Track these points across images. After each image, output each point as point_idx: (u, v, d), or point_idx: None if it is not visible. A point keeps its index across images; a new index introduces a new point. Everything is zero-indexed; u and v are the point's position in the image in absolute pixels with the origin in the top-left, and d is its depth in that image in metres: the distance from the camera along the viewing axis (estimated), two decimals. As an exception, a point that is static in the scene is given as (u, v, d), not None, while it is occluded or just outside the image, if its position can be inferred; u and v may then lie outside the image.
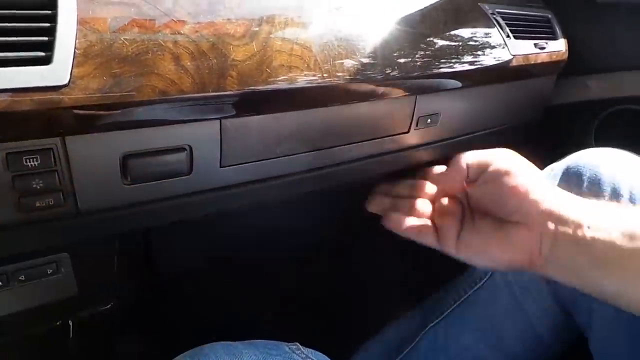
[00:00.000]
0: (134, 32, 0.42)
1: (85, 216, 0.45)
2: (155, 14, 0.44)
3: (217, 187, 0.53)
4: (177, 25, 0.44)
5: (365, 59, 0.56)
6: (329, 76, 0.52)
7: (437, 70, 0.63)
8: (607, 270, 0.42)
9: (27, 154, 0.39)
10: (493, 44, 0.73)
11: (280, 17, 0.51)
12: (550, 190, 0.47)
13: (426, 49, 0.63)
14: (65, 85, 0.38)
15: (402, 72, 0.59)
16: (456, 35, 0.68)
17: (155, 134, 0.45)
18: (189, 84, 0.43)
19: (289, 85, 0.49)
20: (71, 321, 0.55)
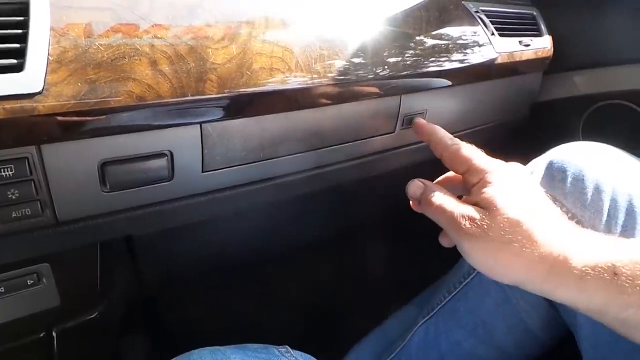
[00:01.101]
0: (110, 37, 0.41)
1: (64, 225, 0.44)
2: (132, 18, 0.43)
3: (199, 193, 0.52)
4: (154, 29, 0.44)
5: (348, 60, 0.55)
6: (311, 78, 0.52)
7: (421, 70, 0.63)
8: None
9: (1, 164, 0.38)
10: (478, 42, 0.72)
11: (261, 19, 0.51)
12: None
13: (410, 48, 0.62)
14: (39, 92, 0.37)
15: (387, 72, 0.58)
16: (440, 34, 0.67)
17: (134, 140, 0.44)
18: (167, 88, 0.43)
19: (270, 87, 0.49)
20: (55, 332, 0.54)
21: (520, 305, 0.63)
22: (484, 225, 0.41)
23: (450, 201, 0.44)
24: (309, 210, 0.85)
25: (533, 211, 0.41)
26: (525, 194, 0.43)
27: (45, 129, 0.38)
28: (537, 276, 0.40)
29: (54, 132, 0.39)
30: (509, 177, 0.45)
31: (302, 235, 0.91)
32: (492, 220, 0.41)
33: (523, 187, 0.44)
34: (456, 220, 0.42)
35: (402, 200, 0.52)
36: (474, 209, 0.42)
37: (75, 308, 0.55)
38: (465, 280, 0.69)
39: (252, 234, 0.79)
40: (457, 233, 0.42)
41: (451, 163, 0.50)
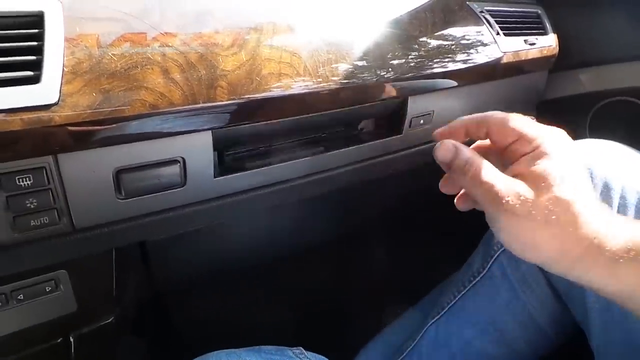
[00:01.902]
0: (122, 47, 0.42)
1: (81, 232, 0.45)
2: (143, 28, 0.44)
3: (212, 198, 0.53)
4: (165, 38, 0.44)
5: (355, 63, 0.56)
6: (319, 82, 0.52)
7: (428, 71, 0.63)
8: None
9: (20, 174, 0.39)
10: (483, 42, 0.73)
11: (268, 25, 0.51)
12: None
13: (416, 50, 0.63)
14: (55, 103, 0.38)
15: (392, 74, 0.59)
16: (445, 35, 0.68)
17: (147, 148, 0.45)
18: (178, 96, 0.43)
19: (280, 92, 0.50)
20: (72, 337, 0.55)
21: (530, 302, 0.63)
22: (528, 202, 0.37)
23: (490, 170, 0.39)
24: (317, 212, 0.85)
25: (581, 192, 0.38)
26: (575, 171, 0.39)
27: (62, 139, 0.39)
28: (569, 258, 0.37)
29: (70, 142, 0.40)
30: (563, 150, 0.39)
31: (310, 236, 0.92)
32: (539, 197, 0.37)
33: (574, 163, 0.40)
34: (498, 193, 0.37)
35: (409, 201, 0.53)
36: (520, 184, 0.38)
37: (91, 313, 0.55)
38: (475, 279, 0.69)
39: (261, 236, 0.79)
40: (496, 208, 0.38)
41: (498, 133, 0.43)
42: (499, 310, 0.66)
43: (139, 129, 0.43)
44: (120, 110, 0.40)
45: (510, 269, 0.64)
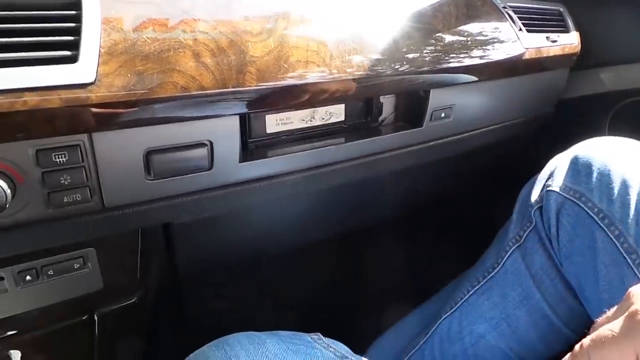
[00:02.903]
0: (156, 30, 0.43)
1: (110, 211, 0.47)
2: (175, 12, 0.45)
3: (237, 182, 0.54)
4: (197, 24, 0.46)
5: (379, 55, 0.56)
6: (345, 71, 0.53)
7: (451, 65, 0.63)
8: None
9: (56, 150, 0.40)
10: (505, 37, 0.73)
11: (296, 14, 0.52)
12: None
13: (439, 44, 0.63)
14: (92, 83, 0.39)
15: (416, 67, 0.59)
16: (469, 29, 0.68)
17: (177, 130, 0.46)
18: (209, 80, 0.44)
19: (307, 80, 0.50)
20: (97, 315, 0.56)
21: (544, 299, 0.63)
22: None
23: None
24: (335, 204, 0.86)
25: None
26: None
27: (97, 118, 0.40)
28: None
29: (105, 121, 0.41)
30: None
31: (327, 227, 0.92)
32: None
33: None
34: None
35: (426, 195, 0.53)
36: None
37: (116, 292, 0.57)
38: (489, 274, 0.69)
39: (280, 225, 0.80)
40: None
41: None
42: (513, 306, 0.66)
43: (170, 111, 0.44)
44: (153, 91, 0.41)
45: (524, 265, 0.64)
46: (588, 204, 0.56)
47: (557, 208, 0.58)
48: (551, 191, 0.59)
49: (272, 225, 0.77)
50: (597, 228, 0.55)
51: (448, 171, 0.97)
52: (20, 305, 0.50)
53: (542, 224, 0.61)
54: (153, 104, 0.42)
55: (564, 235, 0.58)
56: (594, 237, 0.55)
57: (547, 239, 0.61)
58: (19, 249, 0.45)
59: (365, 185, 0.81)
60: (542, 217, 0.61)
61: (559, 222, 0.59)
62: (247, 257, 0.85)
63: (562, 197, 0.58)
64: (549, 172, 0.62)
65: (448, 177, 1.01)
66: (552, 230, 0.59)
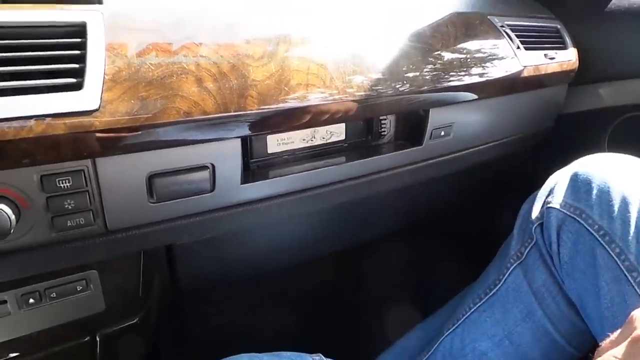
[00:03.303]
0: (159, 56, 0.44)
1: (113, 234, 0.47)
2: (178, 38, 0.46)
3: (238, 203, 0.54)
4: (199, 49, 0.46)
5: (379, 75, 0.57)
6: (345, 93, 0.54)
7: (450, 84, 0.64)
8: None
9: (60, 176, 0.41)
10: (504, 55, 0.74)
11: (296, 37, 0.53)
12: None
13: (438, 63, 0.64)
14: (96, 109, 0.40)
15: (415, 87, 0.60)
16: (467, 48, 0.69)
17: (179, 154, 0.47)
18: (211, 104, 0.45)
19: (307, 102, 0.51)
20: (98, 337, 0.56)
21: (546, 316, 0.63)
22: None
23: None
24: (335, 220, 0.87)
25: None
26: None
27: (101, 143, 0.41)
28: None
29: (108, 146, 0.41)
30: None
31: (329, 243, 0.93)
32: None
33: None
34: None
35: (427, 210, 0.54)
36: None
37: (118, 313, 0.57)
38: (492, 291, 0.69)
39: (281, 242, 0.81)
40: None
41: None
42: (515, 323, 0.66)
43: (173, 136, 0.44)
44: (156, 117, 0.42)
45: (525, 282, 0.64)
46: (588, 221, 0.56)
47: (558, 225, 0.59)
48: (551, 208, 0.60)
49: (273, 242, 0.78)
50: (597, 245, 0.55)
51: (448, 187, 0.97)
52: (22, 328, 0.50)
53: (543, 241, 0.61)
54: (156, 129, 0.43)
55: (564, 252, 0.58)
56: (594, 255, 0.55)
57: (549, 256, 0.61)
58: (23, 273, 0.45)
59: (365, 201, 0.82)
60: (543, 233, 0.61)
61: (560, 239, 0.59)
62: (248, 274, 0.86)
63: (562, 213, 0.58)
64: (549, 189, 0.62)
65: (448, 193, 1.01)
66: (553, 247, 0.60)
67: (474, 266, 0.77)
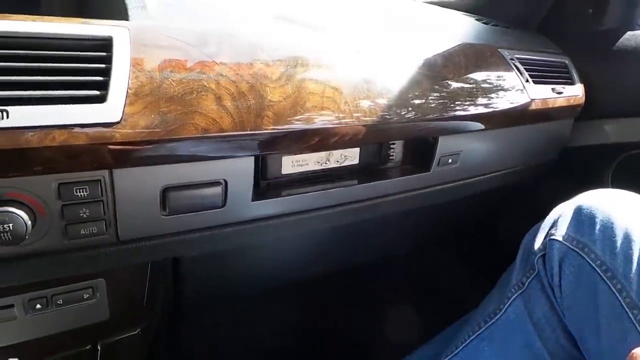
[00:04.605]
0: (181, 73, 0.45)
1: (124, 244, 0.48)
2: (200, 56, 0.47)
3: (248, 220, 0.55)
4: (220, 68, 0.47)
5: (391, 101, 0.58)
6: (358, 117, 0.55)
7: (459, 113, 0.65)
8: None
9: (78, 185, 0.42)
10: (512, 88, 0.75)
11: (313, 60, 0.54)
12: None
13: (449, 92, 0.65)
14: (117, 122, 0.40)
15: (425, 115, 0.61)
16: (477, 79, 0.70)
17: (194, 168, 0.47)
18: (228, 122, 0.46)
19: (321, 125, 0.52)
20: (100, 346, 0.56)
21: (545, 348, 0.63)
22: None
23: None
24: (339, 239, 0.87)
25: None
26: None
27: (120, 155, 0.41)
28: None
29: (127, 158, 0.42)
30: None
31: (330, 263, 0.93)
32: None
33: None
34: None
35: (430, 235, 0.54)
36: None
37: (120, 323, 0.57)
38: (492, 319, 0.69)
39: (284, 258, 0.81)
40: None
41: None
42: (514, 353, 0.66)
43: (189, 151, 0.45)
44: (174, 132, 0.43)
45: (526, 312, 0.64)
46: (591, 256, 0.56)
47: (560, 257, 0.59)
48: (554, 240, 0.60)
49: (278, 258, 0.78)
50: (599, 280, 0.55)
51: (453, 213, 0.98)
52: (26, 333, 0.50)
53: (545, 272, 0.62)
54: (174, 143, 0.44)
55: (566, 285, 0.59)
56: (596, 289, 0.55)
57: (550, 288, 0.61)
58: (33, 278, 0.46)
59: (371, 222, 0.82)
60: (545, 265, 0.62)
61: (562, 272, 0.59)
62: (252, 289, 0.86)
63: (565, 246, 0.59)
64: (552, 221, 0.63)
65: (452, 219, 1.02)
66: (554, 279, 0.60)
67: (474, 293, 0.77)
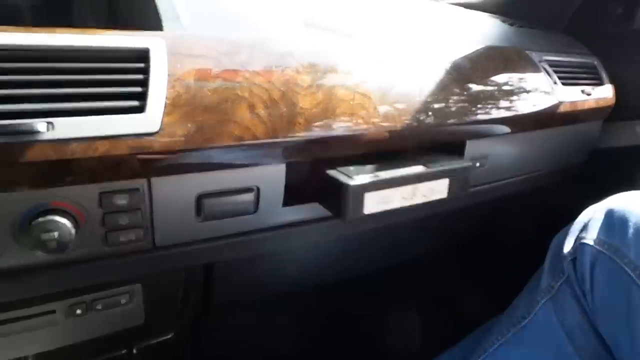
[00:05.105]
0: (215, 82, 0.46)
1: (160, 250, 0.49)
2: (234, 65, 0.48)
3: (279, 225, 0.55)
4: (252, 76, 0.48)
5: (420, 106, 0.58)
6: (387, 122, 0.55)
7: (487, 116, 0.65)
8: None
9: (118, 193, 0.43)
10: (541, 90, 0.74)
11: (343, 67, 0.55)
12: None
13: (475, 96, 0.65)
14: (156, 132, 0.41)
15: (453, 118, 0.61)
16: (505, 83, 0.70)
17: (228, 176, 0.48)
18: (262, 130, 0.47)
19: (351, 131, 0.52)
20: (135, 350, 0.57)
21: (578, 354, 0.62)
22: None
23: None
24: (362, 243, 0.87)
25: None
26: None
27: (159, 164, 0.43)
28: None
29: (164, 167, 0.43)
30: None
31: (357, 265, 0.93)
32: None
33: None
34: None
35: (455, 238, 0.54)
36: None
37: (154, 327, 0.58)
38: (520, 324, 0.68)
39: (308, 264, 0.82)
40: None
41: None
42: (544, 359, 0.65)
43: (224, 159, 0.46)
44: (210, 140, 0.44)
45: (556, 318, 0.63)
46: (624, 260, 0.55)
47: (591, 262, 0.58)
48: (585, 244, 0.59)
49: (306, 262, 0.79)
50: (633, 284, 0.54)
51: (480, 216, 0.97)
52: (67, 337, 0.52)
53: (576, 277, 0.61)
54: (210, 151, 0.44)
55: (597, 290, 0.57)
56: (629, 295, 0.54)
57: (581, 292, 0.60)
58: (74, 284, 0.47)
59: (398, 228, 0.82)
60: (576, 269, 0.61)
61: (593, 277, 0.58)
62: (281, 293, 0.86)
63: (596, 250, 0.58)
64: (582, 224, 0.62)
65: (479, 221, 1.01)
66: (585, 283, 0.59)
67: (500, 297, 0.77)
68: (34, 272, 0.43)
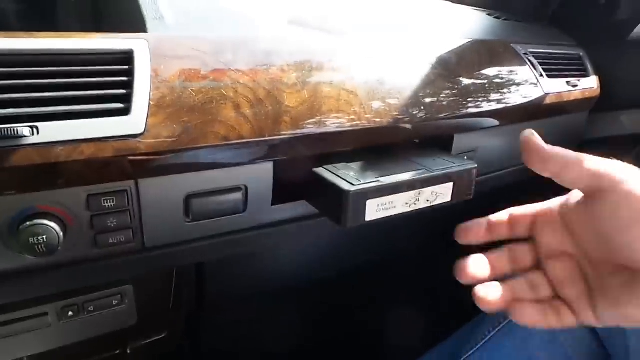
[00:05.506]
0: (200, 83, 0.46)
1: (150, 251, 0.49)
2: (218, 65, 0.48)
3: (268, 224, 0.56)
4: (237, 76, 0.48)
5: (407, 101, 0.59)
6: (373, 118, 0.55)
7: (474, 110, 0.66)
8: None
9: (105, 196, 0.43)
10: (527, 83, 0.75)
11: (329, 65, 0.55)
12: None
13: (463, 90, 0.65)
14: (141, 134, 0.42)
15: (440, 113, 0.62)
16: (491, 75, 0.70)
17: (215, 176, 0.49)
18: (247, 129, 0.47)
19: (338, 128, 0.53)
20: (129, 350, 0.58)
21: (568, 344, 0.63)
22: None
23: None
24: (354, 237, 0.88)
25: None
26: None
27: (145, 166, 0.43)
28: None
29: (151, 168, 0.43)
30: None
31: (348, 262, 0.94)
32: None
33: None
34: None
35: (444, 230, 0.54)
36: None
37: (147, 328, 0.59)
38: (511, 315, 0.69)
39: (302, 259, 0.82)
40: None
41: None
42: (537, 348, 0.66)
43: (211, 159, 0.46)
44: (196, 141, 0.44)
45: None
46: None
47: None
48: None
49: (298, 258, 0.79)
50: None
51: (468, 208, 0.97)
52: (59, 339, 0.52)
53: None
54: (196, 152, 0.45)
55: None
56: None
57: None
58: (65, 286, 0.47)
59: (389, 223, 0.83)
60: None
61: None
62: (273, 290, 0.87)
63: None
64: None
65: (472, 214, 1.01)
66: None
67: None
68: (24, 276, 0.43)
